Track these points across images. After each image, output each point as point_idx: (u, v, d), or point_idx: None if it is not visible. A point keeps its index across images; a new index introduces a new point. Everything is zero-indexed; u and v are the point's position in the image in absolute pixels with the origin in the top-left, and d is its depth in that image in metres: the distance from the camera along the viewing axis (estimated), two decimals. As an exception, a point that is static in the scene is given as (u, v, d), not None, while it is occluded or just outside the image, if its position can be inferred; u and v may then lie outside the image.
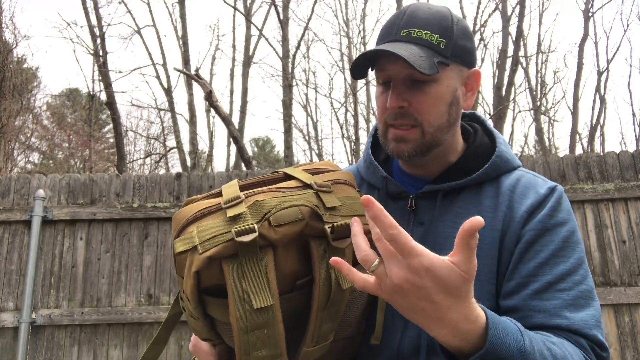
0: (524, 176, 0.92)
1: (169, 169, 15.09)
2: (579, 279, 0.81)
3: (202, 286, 0.70)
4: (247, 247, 0.68)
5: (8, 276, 3.44)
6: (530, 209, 0.86)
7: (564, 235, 0.83)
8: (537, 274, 0.81)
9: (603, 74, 12.47)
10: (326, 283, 0.72)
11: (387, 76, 0.89)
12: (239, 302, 0.67)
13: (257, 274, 0.68)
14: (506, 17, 9.56)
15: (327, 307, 0.73)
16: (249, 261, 0.68)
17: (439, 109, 0.88)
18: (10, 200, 3.53)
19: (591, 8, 11.83)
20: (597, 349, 0.77)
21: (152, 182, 3.66)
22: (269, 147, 25.55)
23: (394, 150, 0.90)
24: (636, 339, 3.29)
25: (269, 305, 0.67)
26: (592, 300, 0.80)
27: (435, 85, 0.87)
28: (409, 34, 0.86)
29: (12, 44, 9.02)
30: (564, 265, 0.81)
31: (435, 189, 0.91)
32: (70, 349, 3.35)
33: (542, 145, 13.33)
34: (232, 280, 0.67)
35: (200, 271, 0.68)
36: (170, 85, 11.85)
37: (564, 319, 0.77)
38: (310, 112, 15.20)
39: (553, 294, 0.79)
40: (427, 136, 0.88)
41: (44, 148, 16.72)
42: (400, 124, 0.88)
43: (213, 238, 0.69)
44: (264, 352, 0.68)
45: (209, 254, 0.67)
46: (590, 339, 0.76)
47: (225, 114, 6.22)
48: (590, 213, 3.47)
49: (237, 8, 10.86)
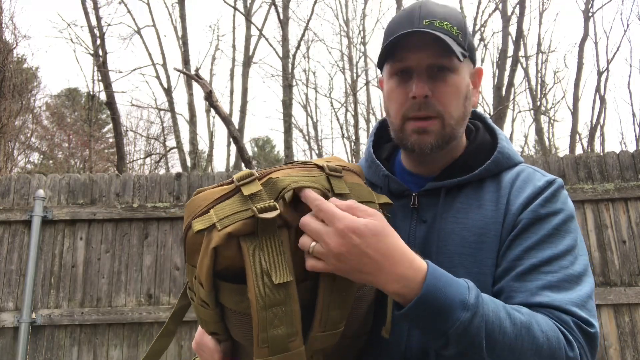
0: (525, 170, 0.92)
1: (169, 169, 15.09)
2: (567, 264, 0.80)
3: (217, 268, 0.69)
4: (266, 225, 0.68)
5: (8, 276, 3.44)
6: (526, 200, 0.86)
7: (555, 223, 0.83)
8: (523, 257, 0.81)
9: (603, 74, 12.48)
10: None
11: (404, 67, 0.88)
12: (258, 279, 0.67)
13: (276, 251, 0.69)
14: (506, 17, 9.56)
15: (333, 291, 0.73)
16: (267, 239, 0.69)
17: (458, 101, 0.88)
18: (10, 200, 3.53)
19: (591, 8, 11.83)
20: (583, 324, 0.75)
21: (152, 182, 3.66)
22: (269, 147, 25.55)
23: (416, 143, 0.88)
24: (636, 339, 3.29)
25: (288, 281, 0.68)
26: (580, 285, 0.79)
27: (454, 76, 0.87)
28: (432, 23, 0.86)
29: (12, 44, 9.02)
30: (552, 250, 0.81)
31: (438, 186, 0.90)
32: (70, 349, 3.35)
33: (542, 145, 13.33)
34: (251, 257, 0.67)
35: (218, 248, 0.67)
36: (170, 85, 11.85)
37: (544, 297, 0.76)
38: (310, 112, 15.20)
39: (537, 276, 0.79)
40: (447, 128, 0.88)
41: (44, 148, 16.72)
42: (423, 116, 0.87)
43: (231, 215, 0.69)
44: (281, 329, 0.68)
45: (228, 229, 0.67)
46: (573, 314, 0.75)
47: (225, 114, 6.22)
48: (590, 213, 3.47)
49: (237, 8, 10.86)
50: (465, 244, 0.85)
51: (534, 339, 0.71)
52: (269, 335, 0.68)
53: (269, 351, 0.68)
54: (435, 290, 0.68)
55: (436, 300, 0.67)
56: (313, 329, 0.74)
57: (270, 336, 0.68)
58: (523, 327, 0.71)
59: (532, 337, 0.71)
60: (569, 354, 0.72)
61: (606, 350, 3.29)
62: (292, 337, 0.69)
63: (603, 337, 3.31)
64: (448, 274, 0.71)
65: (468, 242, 0.85)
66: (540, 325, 0.72)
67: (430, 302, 0.67)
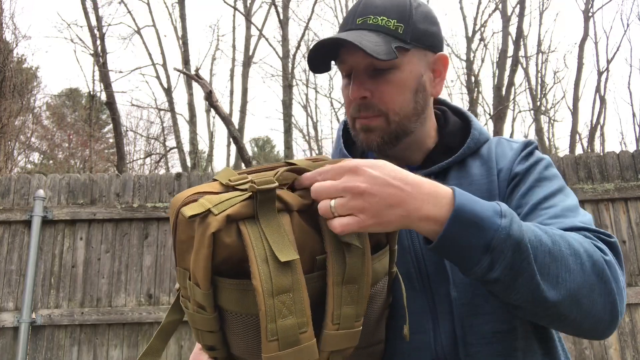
0: (500, 140, 0.95)
1: (169, 169, 15.09)
2: (562, 199, 0.82)
3: (215, 261, 0.63)
4: (266, 206, 0.63)
5: (8, 276, 3.44)
6: (510, 164, 0.89)
7: (539, 170, 0.87)
8: (521, 204, 0.83)
9: (603, 74, 12.48)
10: (338, 253, 0.67)
11: (348, 68, 0.87)
12: (262, 263, 0.61)
13: (278, 232, 0.63)
14: (506, 17, 9.56)
15: (344, 283, 0.67)
16: (267, 221, 0.63)
17: (403, 97, 0.86)
18: (10, 200, 3.53)
19: (591, 8, 11.84)
20: (604, 236, 0.74)
21: (152, 182, 3.66)
22: (269, 147, 25.55)
23: (364, 140, 0.88)
24: (636, 339, 3.29)
25: (294, 260, 0.62)
26: (581, 213, 0.80)
27: (397, 72, 0.85)
28: (365, 21, 0.84)
29: (12, 44, 9.02)
30: (544, 190, 0.83)
31: (427, 174, 0.88)
32: (70, 349, 3.35)
33: (542, 145, 13.32)
34: (252, 241, 0.62)
35: (217, 234, 0.61)
36: (170, 85, 11.85)
37: (557, 224, 0.76)
38: (310, 112, 15.20)
39: (539, 212, 0.80)
40: (392, 124, 0.87)
41: (44, 148, 16.72)
42: (364, 116, 0.86)
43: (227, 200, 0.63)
44: (290, 319, 0.62)
45: (227, 212, 0.62)
46: (589, 230, 0.75)
47: (225, 114, 6.22)
48: (590, 213, 3.47)
49: (237, 8, 10.86)
50: None
51: (569, 244, 0.69)
52: (278, 326, 0.61)
53: (278, 345, 0.62)
54: (468, 203, 0.65)
55: (472, 212, 0.64)
56: (326, 326, 0.67)
57: (280, 327, 0.61)
58: (556, 235, 0.69)
59: (567, 242, 0.69)
60: (606, 257, 0.71)
61: (606, 350, 3.29)
62: (303, 327, 0.63)
63: (603, 337, 3.31)
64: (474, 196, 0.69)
65: None
66: (570, 234, 0.71)
67: (466, 215, 0.64)
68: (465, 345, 0.79)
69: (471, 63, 11.89)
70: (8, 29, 8.99)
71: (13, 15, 13.78)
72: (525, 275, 0.65)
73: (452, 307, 0.81)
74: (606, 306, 0.69)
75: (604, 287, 0.69)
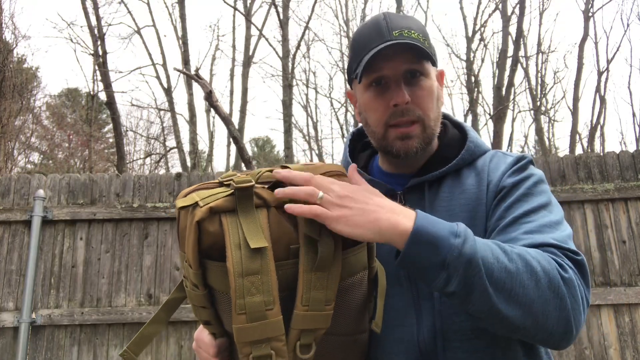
0: (496, 154, 1.00)
1: (169, 169, 15.09)
2: (544, 215, 0.86)
3: (202, 246, 0.73)
4: (244, 202, 0.73)
5: (8, 276, 3.44)
6: (501, 176, 0.93)
7: (527, 186, 0.90)
8: (503, 216, 0.88)
9: (603, 74, 12.48)
10: (309, 244, 0.75)
11: (378, 77, 0.93)
12: (235, 249, 0.71)
13: (253, 223, 0.73)
14: (506, 17, 9.56)
15: (314, 270, 0.75)
16: (245, 214, 0.73)
17: (433, 103, 0.95)
18: (10, 200, 3.53)
19: (591, 8, 11.84)
20: (569, 253, 0.79)
21: (152, 182, 3.66)
22: (269, 147, 25.55)
23: (402, 148, 0.93)
24: (636, 339, 3.29)
25: (264, 248, 0.71)
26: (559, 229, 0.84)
27: (427, 80, 0.94)
28: (401, 33, 0.91)
29: (12, 44, 9.03)
30: (528, 205, 0.87)
31: (421, 182, 0.96)
32: (70, 349, 3.35)
33: (542, 145, 13.33)
34: (230, 231, 0.72)
35: (202, 222, 0.72)
36: (170, 85, 11.85)
37: (528, 240, 0.81)
38: (310, 112, 15.19)
39: (517, 226, 0.85)
40: (427, 130, 0.94)
41: (44, 148, 16.72)
42: (405, 121, 0.92)
43: (213, 195, 0.74)
44: (258, 297, 0.71)
45: (211, 205, 0.72)
46: (558, 247, 0.80)
47: (225, 114, 6.21)
48: (590, 213, 3.47)
49: (237, 8, 10.87)
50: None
51: (526, 262, 0.74)
52: (246, 302, 0.70)
53: (246, 318, 0.71)
54: (426, 225, 0.73)
55: (428, 233, 0.72)
56: (296, 307, 0.75)
57: (248, 303, 0.70)
58: (514, 253, 0.75)
59: (524, 260, 0.74)
60: (564, 275, 0.76)
61: (606, 350, 3.29)
62: (270, 305, 0.71)
63: (603, 337, 3.31)
64: (436, 217, 0.77)
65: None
66: (529, 252, 0.76)
67: (423, 236, 0.72)
68: (445, 340, 0.86)
69: (471, 63, 11.90)
70: (8, 29, 8.99)
71: (13, 15, 13.78)
72: (478, 289, 0.72)
73: (434, 304, 0.88)
74: (560, 320, 0.75)
75: (559, 302, 0.74)
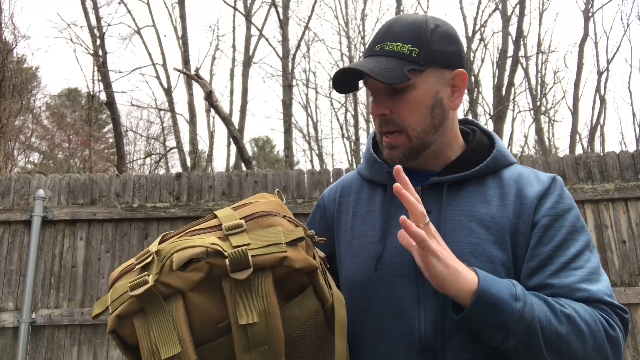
0: (524, 169, 1.01)
1: (169, 169, 15.08)
2: (587, 258, 0.91)
3: (129, 346, 0.72)
4: (150, 300, 0.69)
5: (8, 276, 3.44)
6: (539, 195, 0.94)
7: (571, 220, 0.93)
8: (554, 256, 0.90)
9: (603, 74, 12.48)
10: (237, 321, 0.70)
11: (371, 88, 0.98)
12: (149, 356, 0.68)
13: (165, 325, 0.69)
14: (506, 17, 9.56)
15: (251, 348, 0.70)
16: (155, 313, 0.69)
17: (420, 113, 0.95)
18: (10, 200, 3.53)
19: (591, 8, 11.83)
20: (619, 311, 0.87)
21: (152, 182, 3.66)
22: (269, 147, 25.54)
23: (388, 156, 0.99)
24: (636, 339, 3.29)
25: (177, 353, 0.68)
26: (602, 275, 0.90)
27: (412, 91, 0.94)
28: (382, 47, 0.94)
29: (12, 44, 9.03)
30: (575, 247, 0.91)
31: (441, 181, 0.97)
32: (70, 349, 3.35)
33: (542, 145, 13.33)
34: (142, 335, 0.69)
35: (115, 331, 0.71)
36: (170, 85, 11.85)
37: (584, 292, 0.87)
38: (310, 112, 15.20)
39: (569, 272, 0.89)
40: (413, 140, 0.96)
41: (44, 148, 16.72)
42: (386, 131, 0.97)
43: (120, 296, 0.71)
44: None
45: (117, 312, 0.70)
46: (610, 304, 0.87)
47: (225, 114, 6.22)
48: (590, 213, 3.47)
49: (237, 8, 10.87)
50: (474, 234, 0.92)
51: (574, 325, 0.82)
52: None
53: None
54: (489, 286, 0.79)
55: (491, 295, 0.78)
56: None
57: None
58: (563, 316, 0.81)
59: (573, 323, 0.82)
60: (612, 334, 0.85)
61: (606, 350, 3.29)
62: None
63: (603, 337, 3.31)
64: (489, 274, 0.82)
65: (476, 233, 0.92)
66: (579, 313, 0.83)
67: (487, 298, 0.78)
68: (445, 335, 0.88)
69: (471, 63, 11.89)
70: (7, 29, 8.99)
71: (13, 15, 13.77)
72: (534, 347, 0.80)
73: (437, 300, 0.90)
74: None
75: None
